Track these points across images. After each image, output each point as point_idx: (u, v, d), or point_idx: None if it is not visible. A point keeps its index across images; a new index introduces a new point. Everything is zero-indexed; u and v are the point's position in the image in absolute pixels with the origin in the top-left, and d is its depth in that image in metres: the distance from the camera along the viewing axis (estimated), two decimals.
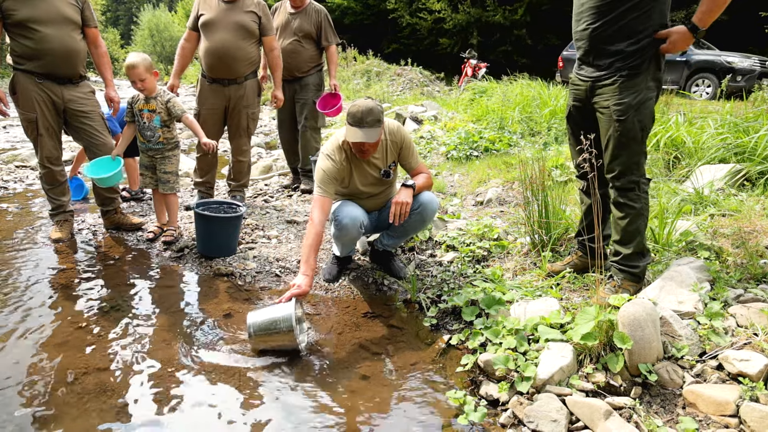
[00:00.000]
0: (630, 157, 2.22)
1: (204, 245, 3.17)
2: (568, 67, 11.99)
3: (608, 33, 2.20)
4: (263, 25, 3.71)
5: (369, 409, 1.86)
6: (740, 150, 3.81)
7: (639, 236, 2.28)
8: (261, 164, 5.60)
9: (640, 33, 2.15)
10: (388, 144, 2.69)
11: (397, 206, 2.52)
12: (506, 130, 6.27)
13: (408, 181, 2.61)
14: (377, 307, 2.63)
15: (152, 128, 3.27)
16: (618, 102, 2.19)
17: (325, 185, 2.56)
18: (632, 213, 2.25)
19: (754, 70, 8.99)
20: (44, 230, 3.56)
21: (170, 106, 3.27)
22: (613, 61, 2.21)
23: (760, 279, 2.36)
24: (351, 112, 2.45)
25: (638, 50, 2.16)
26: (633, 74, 2.17)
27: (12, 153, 6.06)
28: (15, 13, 2.93)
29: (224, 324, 2.43)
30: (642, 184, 2.26)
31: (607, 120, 2.23)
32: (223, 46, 3.59)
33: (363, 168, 2.69)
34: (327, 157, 2.61)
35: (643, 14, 2.13)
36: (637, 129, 2.19)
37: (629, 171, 2.23)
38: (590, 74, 2.30)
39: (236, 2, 3.61)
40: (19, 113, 3.14)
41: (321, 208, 2.52)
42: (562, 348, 1.93)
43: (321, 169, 2.59)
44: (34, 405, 1.82)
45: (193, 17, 3.73)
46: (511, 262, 2.94)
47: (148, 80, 3.19)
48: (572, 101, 2.45)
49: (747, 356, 1.78)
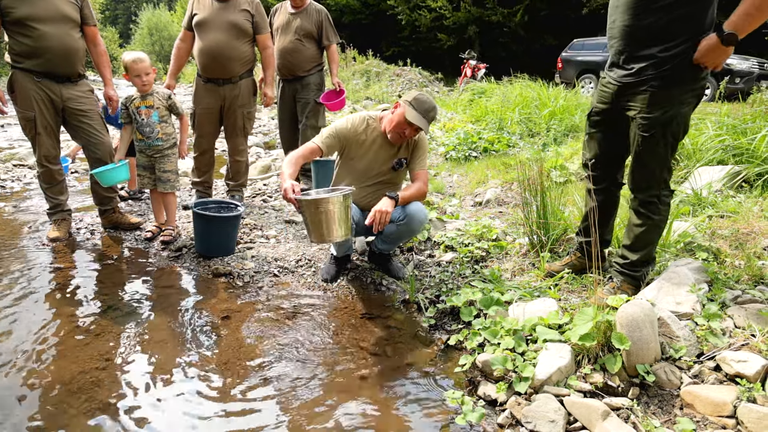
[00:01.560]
0: (652, 171, 2.11)
1: (202, 245, 3.17)
2: (567, 68, 12.02)
3: (642, 33, 1.99)
4: (257, 24, 3.71)
5: (367, 410, 1.86)
6: (738, 152, 3.81)
7: (650, 246, 2.25)
8: (259, 164, 5.59)
9: (678, 37, 1.91)
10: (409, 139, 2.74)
11: (375, 214, 2.48)
12: (505, 131, 6.28)
13: (392, 193, 2.57)
14: (376, 308, 2.63)
15: (151, 124, 3.26)
16: (645, 116, 2.02)
17: (328, 140, 2.65)
18: (649, 223, 2.19)
19: (752, 72, 9.00)
20: (42, 229, 3.55)
21: (172, 103, 3.30)
22: (644, 66, 2.00)
23: (758, 280, 2.36)
24: (420, 99, 2.56)
25: (673, 57, 1.93)
26: (666, 85, 1.96)
27: (10, 152, 6.05)
28: (13, 11, 2.92)
29: (222, 324, 2.42)
30: (663, 197, 2.16)
31: (633, 130, 2.11)
32: (217, 46, 3.59)
33: (377, 146, 2.72)
34: (348, 119, 2.69)
35: (685, 14, 1.89)
36: (662, 145, 2.04)
37: (651, 185, 2.14)
38: (619, 78, 2.13)
39: (229, 1, 3.61)
40: (17, 112, 3.13)
41: (310, 149, 2.61)
42: (560, 348, 1.93)
43: (334, 126, 2.67)
44: (31, 404, 1.82)
45: (188, 17, 3.74)
46: (510, 262, 2.94)
47: (152, 75, 3.23)
48: (597, 102, 2.29)
49: (744, 357, 1.78)
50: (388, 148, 2.73)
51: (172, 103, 3.29)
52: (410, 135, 2.63)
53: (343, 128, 2.67)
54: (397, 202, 2.56)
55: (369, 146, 2.72)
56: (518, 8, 16.26)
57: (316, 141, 2.65)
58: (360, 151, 2.72)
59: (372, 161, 2.74)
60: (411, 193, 2.65)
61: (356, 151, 2.73)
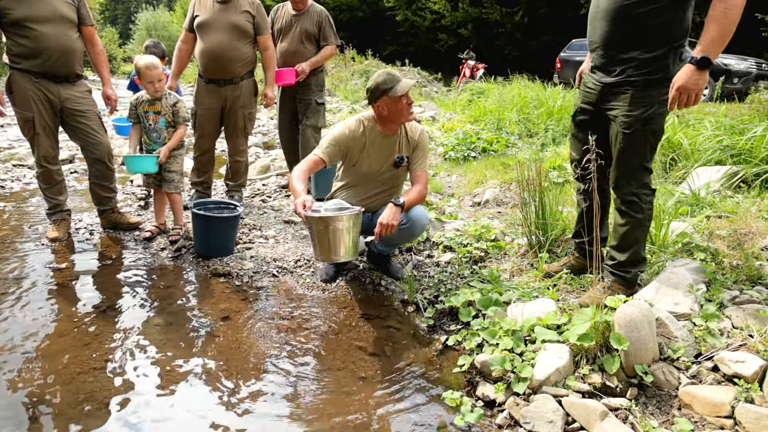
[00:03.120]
0: (632, 169, 2.16)
1: (201, 245, 3.17)
2: (565, 68, 12.01)
3: (622, 39, 2.08)
4: (258, 24, 3.71)
5: (366, 410, 1.86)
6: (736, 152, 3.82)
7: (636, 245, 2.26)
8: (259, 164, 5.59)
9: (657, 41, 2.01)
10: (407, 136, 2.74)
11: (381, 227, 2.47)
12: (504, 131, 6.29)
13: (398, 200, 2.55)
14: (374, 308, 2.63)
15: (158, 129, 3.29)
16: (626, 113, 2.09)
17: (328, 150, 2.64)
18: (633, 222, 2.21)
19: (750, 72, 9.01)
20: (41, 229, 3.55)
21: (176, 110, 3.30)
22: (625, 68, 2.09)
23: (756, 281, 2.37)
24: (386, 73, 2.58)
25: (653, 59, 2.02)
26: (646, 85, 2.05)
27: (9, 152, 6.04)
28: (11, 12, 2.92)
29: (221, 324, 2.42)
30: (644, 196, 2.19)
31: (615, 129, 2.17)
32: (218, 47, 3.60)
33: (377, 146, 2.72)
34: (344, 125, 2.68)
35: (662, 21, 1.98)
36: (643, 143, 2.11)
37: (630, 183, 2.18)
38: (601, 80, 2.21)
39: (230, 2, 3.62)
40: (15, 112, 3.13)
41: (312, 162, 2.62)
42: (558, 349, 1.93)
43: (331, 135, 2.66)
44: (30, 405, 1.82)
45: (189, 18, 3.75)
46: (508, 263, 2.95)
47: (164, 81, 3.25)
48: (581, 103, 2.36)
49: (742, 358, 1.79)
50: (388, 146, 2.73)
51: (176, 111, 3.30)
52: (411, 112, 2.63)
53: (342, 135, 2.66)
54: (403, 209, 2.56)
55: (369, 148, 2.72)
56: (518, 9, 16.28)
57: (317, 153, 2.63)
58: (361, 154, 2.73)
59: (374, 162, 2.75)
60: (414, 198, 2.66)
61: (358, 156, 2.73)
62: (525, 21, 16.45)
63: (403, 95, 2.55)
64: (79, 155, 5.47)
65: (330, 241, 2.33)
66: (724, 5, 1.83)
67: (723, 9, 1.83)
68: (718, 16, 1.84)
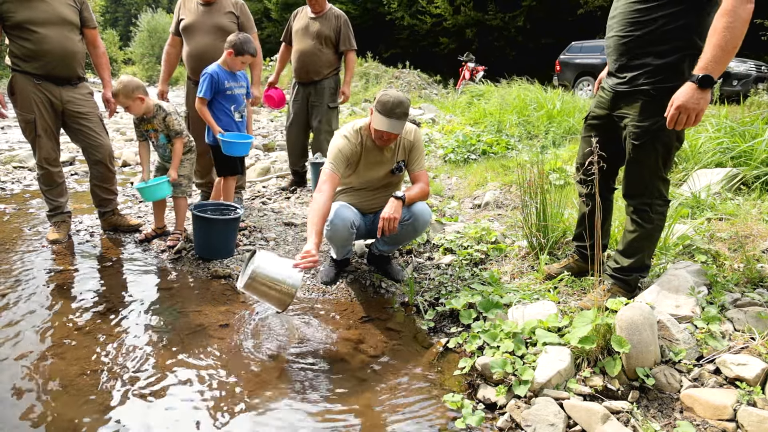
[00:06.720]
0: (643, 179, 2.12)
1: (201, 247, 3.17)
2: (565, 70, 12.03)
3: (636, 44, 2.01)
4: (242, 25, 3.74)
5: (366, 413, 1.86)
6: (737, 154, 3.82)
7: (641, 254, 2.25)
8: (259, 166, 5.59)
9: (672, 47, 1.93)
10: (403, 141, 2.73)
11: (384, 222, 2.47)
12: (504, 133, 6.29)
13: (398, 193, 2.55)
14: (374, 310, 2.63)
15: (162, 146, 3.29)
16: (636, 124, 2.04)
17: (337, 162, 2.60)
18: (641, 231, 2.20)
19: (749, 75, 9.02)
20: (42, 231, 3.55)
21: (167, 124, 3.18)
22: (637, 75, 2.03)
23: (757, 283, 2.37)
24: (382, 101, 2.45)
25: (667, 66, 1.95)
26: (658, 95, 1.96)
27: (10, 154, 6.05)
28: (13, 15, 2.93)
29: (221, 326, 2.42)
30: (657, 206, 2.15)
31: (626, 138, 2.14)
32: (203, 49, 3.63)
33: (373, 157, 2.71)
34: (343, 137, 2.65)
35: (678, 27, 1.90)
36: (653, 155, 2.05)
37: (642, 193, 2.14)
38: (614, 86, 2.16)
39: (214, 5, 3.65)
40: (17, 114, 3.14)
41: (330, 181, 2.55)
42: (559, 351, 1.93)
43: (335, 147, 2.63)
44: (29, 406, 1.81)
45: (175, 22, 3.79)
46: (509, 265, 2.95)
47: (132, 106, 3.07)
48: (594, 107, 2.33)
49: (744, 360, 1.78)
50: (384, 153, 2.72)
51: (167, 125, 3.18)
52: (392, 139, 2.58)
53: (344, 146, 2.63)
54: (404, 203, 2.56)
55: (366, 156, 2.71)
56: (519, 12, 16.33)
57: (327, 170, 2.57)
58: (361, 163, 2.73)
59: (372, 170, 2.75)
60: (416, 193, 2.65)
61: (357, 163, 2.73)
62: (527, 27, 16.51)
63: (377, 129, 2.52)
64: (80, 157, 5.48)
65: (267, 300, 2.29)
66: (729, 18, 1.72)
67: (728, 23, 1.72)
68: (722, 30, 1.73)
